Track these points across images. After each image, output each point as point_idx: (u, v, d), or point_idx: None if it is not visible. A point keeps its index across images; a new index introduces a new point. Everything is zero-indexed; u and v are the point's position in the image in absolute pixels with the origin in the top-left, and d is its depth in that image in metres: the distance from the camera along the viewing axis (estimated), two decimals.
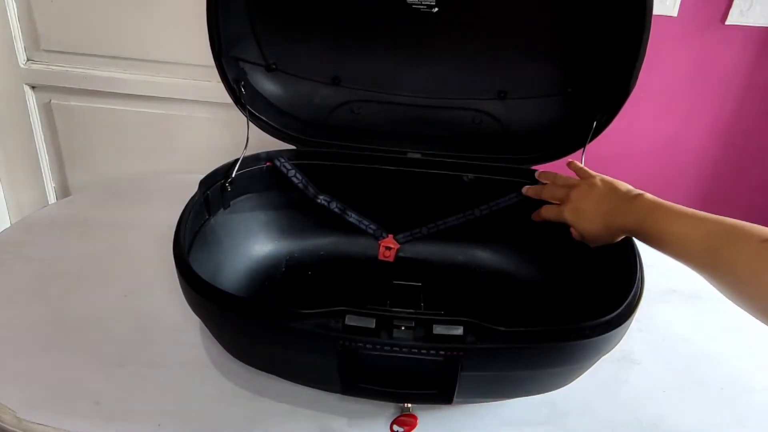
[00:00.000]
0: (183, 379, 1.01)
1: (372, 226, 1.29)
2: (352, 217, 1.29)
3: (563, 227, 1.12)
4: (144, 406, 0.96)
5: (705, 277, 0.83)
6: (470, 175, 1.27)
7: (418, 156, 1.28)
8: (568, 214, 1.09)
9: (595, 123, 1.20)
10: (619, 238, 1.01)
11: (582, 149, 1.20)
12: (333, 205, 1.28)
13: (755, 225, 0.80)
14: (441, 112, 1.34)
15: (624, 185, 1.03)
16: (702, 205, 1.74)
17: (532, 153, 1.28)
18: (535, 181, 1.22)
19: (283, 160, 1.25)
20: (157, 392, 0.98)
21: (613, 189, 1.03)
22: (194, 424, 0.93)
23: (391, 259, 1.26)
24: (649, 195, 0.97)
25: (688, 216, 0.89)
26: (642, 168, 1.76)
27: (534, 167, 1.26)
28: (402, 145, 1.30)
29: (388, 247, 1.26)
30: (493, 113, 1.33)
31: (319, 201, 1.27)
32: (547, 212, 1.15)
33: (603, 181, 1.06)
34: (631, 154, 1.74)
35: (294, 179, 1.26)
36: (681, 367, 1.10)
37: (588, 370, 0.91)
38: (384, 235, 1.29)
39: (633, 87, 1.15)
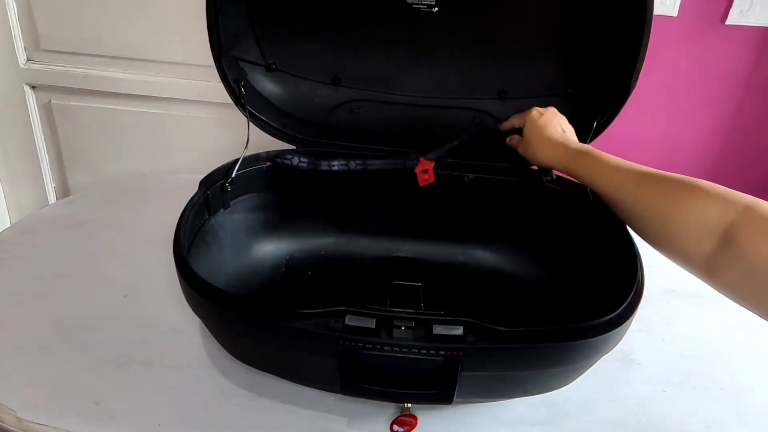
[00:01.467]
0: (183, 379, 1.01)
1: (398, 161, 1.29)
2: (376, 165, 1.28)
3: (563, 229, 1.12)
4: (144, 406, 0.96)
5: (622, 217, 0.99)
6: (471, 175, 1.26)
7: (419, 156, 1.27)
8: (520, 144, 1.23)
9: (595, 123, 1.20)
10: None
11: None
12: (352, 165, 1.27)
13: (675, 175, 0.91)
14: (441, 111, 1.34)
15: (555, 132, 1.16)
16: None
17: None
18: (536, 183, 1.22)
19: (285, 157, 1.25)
20: (157, 392, 0.98)
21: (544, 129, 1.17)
22: (194, 425, 0.93)
23: (432, 180, 1.26)
24: (585, 150, 1.08)
25: (616, 164, 1.02)
26: None
27: (533, 167, 1.26)
28: (402, 144, 1.29)
29: (425, 170, 1.25)
30: (493, 113, 1.33)
31: (335, 168, 1.27)
32: (511, 140, 1.27)
33: (536, 115, 1.20)
34: (631, 155, 1.72)
35: (301, 165, 1.25)
36: (681, 366, 1.10)
37: (588, 370, 0.90)
38: (415, 161, 1.27)
39: (633, 87, 1.15)
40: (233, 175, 1.16)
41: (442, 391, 0.83)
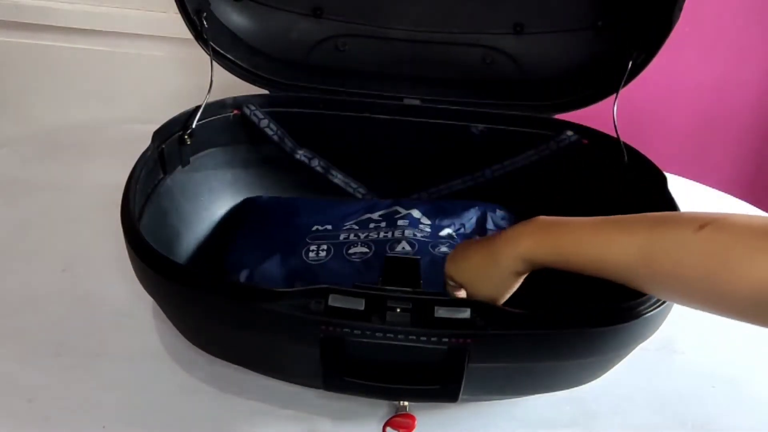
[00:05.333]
0: (132, 372, 1.01)
1: (361, 189, 1.29)
2: (338, 178, 1.28)
3: (591, 189, 1.11)
4: (85, 404, 0.95)
5: (650, 294, 0.80)
6: (480, 126, 1.26)
7: (417, 102, 1.27)
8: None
9: (630, 63, 1.19)
10: (517, 283, 0.92)
11: (614, 94, 1.19)
12: (315, 163, 1.27)
13: (678, 214, 0.77)
14: (444, 49, 1.33)
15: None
16: (755, 161, 1.74)
17: (554, 99, 1.28)
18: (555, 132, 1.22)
19: (253, 108, 1.24)
20: (101, 388, 0.98)
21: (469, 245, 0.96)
22: (145, 426, 0.93)
23: None
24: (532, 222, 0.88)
25: (597, 231, 0.81)
26: (685, 117, 1.76)
27: (556, 117, 1.25)
28: (398, 89, 1.29)
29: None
30: (507, 51, 1.32)
31: (297, 157, 1.26)
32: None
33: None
34: (672, 101, 1.73)
35: (267, 130, 1.25)
36: (733, 357, 1.10)
37: (621, 362, 0.90)
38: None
39: (677, 19, 1.14)
40: (193, 126, 1.15)
41: (445, 386, 0.82)
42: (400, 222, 1.18)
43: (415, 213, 1.20)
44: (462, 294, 0.97)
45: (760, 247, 0.64)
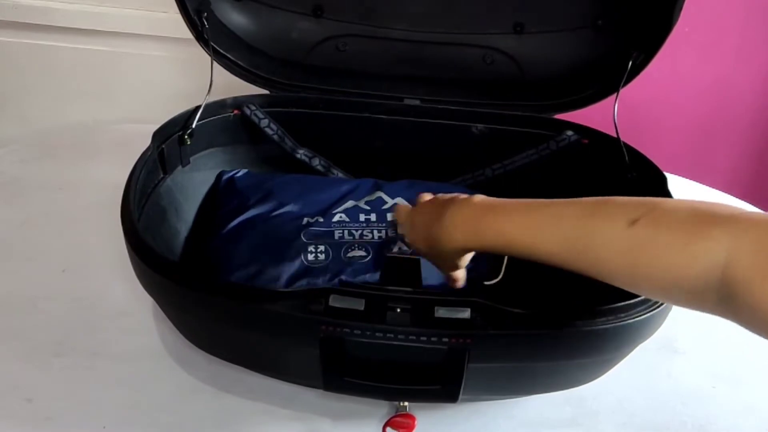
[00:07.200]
0: (132, 372, 1.01)
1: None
2: (339, 177, 1.28)
3: (592, 190, 1.11)
4: (85, 404, 0.95)
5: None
6: (480, 126, 1.26)
7: (417, 102, 1.27)
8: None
9: (630, 63, 1.19)
10: (461, 259, 0.91)
11: (615, 94, 1.19)
12: (315, 162, 1.27)
13: (618, 199, 0.72)
14: (444, 49, 1.33)
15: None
16: (755, 161, 1.74)
17: (554, 99, 1.28)
18: (559, 136, 1.22)
19: (253, 108, 1.24)
20: (102, 388, 0.98)
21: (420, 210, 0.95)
22: (145, 426, 0.93)
23: None
24: (469, 199, 0.86)
25: (531, 214, 0.80)
26: (685, 117, 1.76)
27: (556, 116, 1.25)
28: (398, 89, 1.29)
29: None
30: (507, 51, 1.32)
31: (298, 156, 1.26)
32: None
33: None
34: (672, 101, 1.73)
35: (267, 130, 1.24)
36: (734, 357, 1.10)
37: (622, 361, 0.90)
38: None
39: (677, 19, 1.14)
40: (193, 126, 1.15)
41: (445, 386, 0.82)
42: (389, 216, 1.18)
43: (401, 201, 1.19)
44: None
45: (682, 246, 0.64)
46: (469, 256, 0.90)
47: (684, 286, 0.64)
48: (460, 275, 0.95)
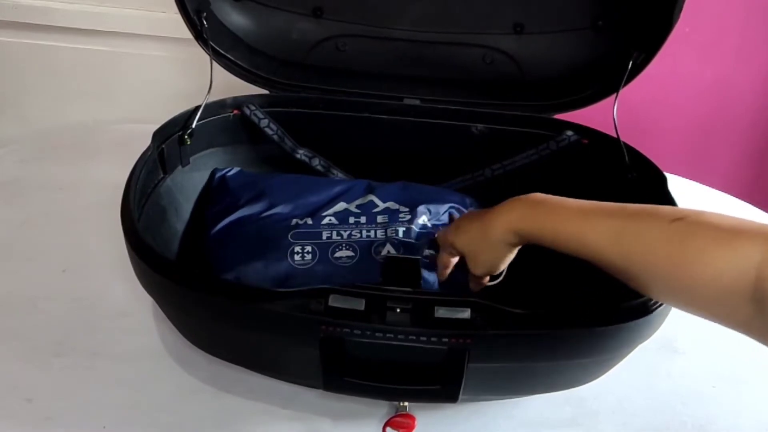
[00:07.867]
0: (133, 372, 1.01)
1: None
2: (338, 177, 1.28)
3: (592, 190, 1.11)
4: (85, 404, 0.95)
5: (621, 279, 0.79)
6: (480, 126, 1.25)
7: (417, 102, 1.27)
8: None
9: (630, 63, 1.19)
10: (512, 254, 0.94)
11: (614, 94, 1.19)
12: (315, 162, 1.27)
13: (660, 206, 0.78)
14: (444, 48, 1.33)
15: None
16: (755, 161, 1.74)
17: (554, 99, 1.28)
18: (559, 136, 1.22)
19: (253, 108, 1.24)
20: (102, 388, 0.98)
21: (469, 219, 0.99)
22: (145, 426, 0.93)
23: None
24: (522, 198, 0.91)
25: (581, 213, 0.83)
26: (685, 117, 1.76)
27: (556, 117, 1.25)
28: (398, 89, 1.29)
29: None
30: (507, 51, 1.32)
31: (298, 156, 1.26)
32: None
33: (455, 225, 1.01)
34: (672, 101, 1.73)
35: (267, 130, 1.24)
36: (733, 356, 1.10)
37: (622, 361, 0.90)
38: None
39: (677, 19, 1.14)
40: (193, 126, 1.15)
41: (445, 386, 0.82)
42: (380, 218, 1.18)
43: (392, 205, 1.20)
44: (454, 261, 1.01)
45: (722, 241, 0.67)
46: (511, 256, 0.93)
47: (720, 286, 0.67)
48: (485, 281, 0.99)
